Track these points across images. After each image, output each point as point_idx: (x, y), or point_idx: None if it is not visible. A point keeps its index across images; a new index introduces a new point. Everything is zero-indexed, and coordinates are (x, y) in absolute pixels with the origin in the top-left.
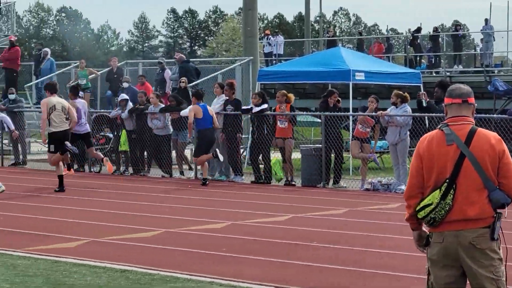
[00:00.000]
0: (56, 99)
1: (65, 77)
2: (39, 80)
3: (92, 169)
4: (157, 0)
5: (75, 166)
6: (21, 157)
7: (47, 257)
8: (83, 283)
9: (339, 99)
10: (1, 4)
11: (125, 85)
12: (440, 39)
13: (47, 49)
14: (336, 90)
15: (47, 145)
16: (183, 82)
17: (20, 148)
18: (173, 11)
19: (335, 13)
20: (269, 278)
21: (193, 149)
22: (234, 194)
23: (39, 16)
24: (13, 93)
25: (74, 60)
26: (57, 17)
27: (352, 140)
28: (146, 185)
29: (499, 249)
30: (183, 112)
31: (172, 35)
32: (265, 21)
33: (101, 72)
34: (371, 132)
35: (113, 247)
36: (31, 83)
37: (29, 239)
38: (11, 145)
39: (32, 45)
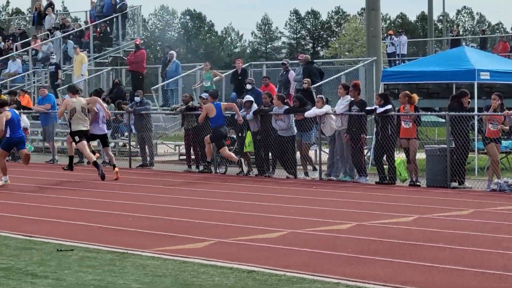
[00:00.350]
0: (78, 100)
1: (191, 79)
2: (165, 82)
3: (218, 171)
4: (280, 1)
5: (200, 168)
6: (148, 158)
7: (176, 257)
8: (210, 284)
9: (469, 100)
10: (128, 8)
11: (248, 86)
12: None
13: (173, 51)
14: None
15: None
16: (305, 83)
17: (147, 150)
18: (296, 12)
19: (459, 12)
20: (394, 279)
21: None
22: (358, 195)
23: (164, 19)
24: (138, 96)
25: (198, 62)
26: (182, 20)
27: (487, 142)
28: (271, 186)
29: None
30: (308, 113)
31: (294, 36)
32: (388, 21)
33: (225, 74)
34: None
35: (240, 247)
36: (157, 86)
37: (158, 240)
38: (138, 146)
39: (158, 47)
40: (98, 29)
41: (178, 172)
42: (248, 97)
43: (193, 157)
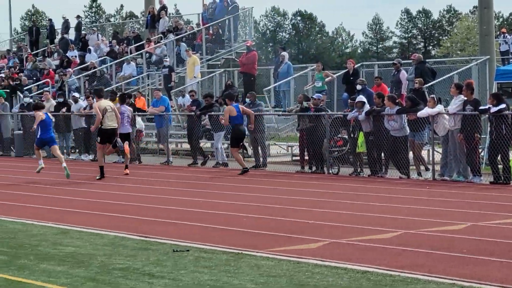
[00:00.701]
0: (105, 102)
1: (302, 80)
2: (277, 83)
3: (330, 171)
4: (391, 1)
5: (313, 168)
6: (261, 159)
7: (290, 258)
8: (325, 284)
9: None
10: (240, 10)
11: (358, 87)
12: None
13: (284, 53)
14: None
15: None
16: (417, 82)
17: (260, 151)
18: (407, 11)
19: None
20: (510, 280)
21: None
22: (472, 195)
23: (275, 20)
24: (249, 98)
25: (310, 63)
26: (293, 21)
27: None
28: (383, 186)
29: None
30: (420, 113)
31: (406, 35)
32: (501, 19)
33: (337, 74)
34: None
35: (354, 248)
36: (270, 87)
37: (273, 240)
38: (251, 148)
39: (269, 49)
40: (210, 31)
41: (290, 173)
42: (361, 98)
43: (306, 158)
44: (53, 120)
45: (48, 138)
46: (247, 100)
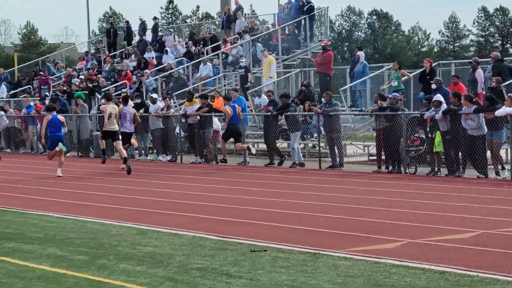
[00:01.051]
0: (111, 106)
1: (379, 79)
2: (353, 83)
3: (407, 170)
4: None
5: (390, 168)
6: (337, 159)
7: (367, 258)
8: (402, 284)
9: None
10: (315, 9)
11: (433, 86)
12: None
13: (360, 52)
14: None
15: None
16: (494, 81)
17: (336, 151)
18: (484, 9)
19: None
20: None
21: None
22: None
23: (351, 19)
24: (324, 98)
25: (386, 62)
26: (368, 20)
27: None
28: (461, 186)
29: None
30: (498, 112)
31: (483, 33)
32: None
33: (413, 73)
34: None
35: (431, 248)
36: (346, 87)
37: (350, 240)
38: (327, 148)
39: (345, 48)
40: (286, 32)
41: (367, 173)
42: (438, 97)
43: (383, 157)
44: (63, 121)
45: (58, 136)
46: (323, 100)
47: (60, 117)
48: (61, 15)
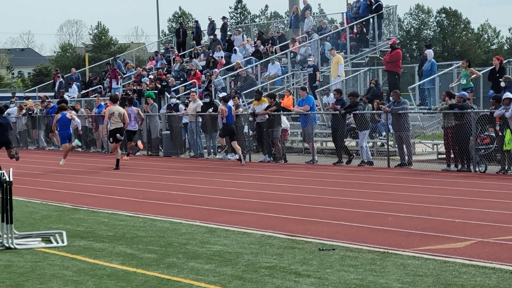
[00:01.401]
0: (115, 108)
1: (447, 77)
2: (421, 81)
3: (477, 169)
4: None
5: (459, 166)
6: (406, 158)
7: (437, 257)
8: (472, 284)
9: None
10: (384, 8)
11: (502, 84)
12: None
13: (429, 50)
14: None
15: (107, 138)
16: None
17: (405, 149)
18: None
19: None
20: None
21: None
22: None
23: (419, 18)
24: (392, 96)
25: (455, 60)
26: (437, 18)
27: None
28: None
29: None
30: None
31: None
32: None
33: (482, 71)
34: None
35: (502, 247)
36: (414, 85)
37: (418, 239)
38: (396, 146)
39: (413, 47)
40: (354, 30)
41: (436, 171)
42: (508, 95)
43: (452, 156)
44: (74, 119)
45: (66, 134)
46: (391, 98)
47: (69, 115)
48: (132, 16)
